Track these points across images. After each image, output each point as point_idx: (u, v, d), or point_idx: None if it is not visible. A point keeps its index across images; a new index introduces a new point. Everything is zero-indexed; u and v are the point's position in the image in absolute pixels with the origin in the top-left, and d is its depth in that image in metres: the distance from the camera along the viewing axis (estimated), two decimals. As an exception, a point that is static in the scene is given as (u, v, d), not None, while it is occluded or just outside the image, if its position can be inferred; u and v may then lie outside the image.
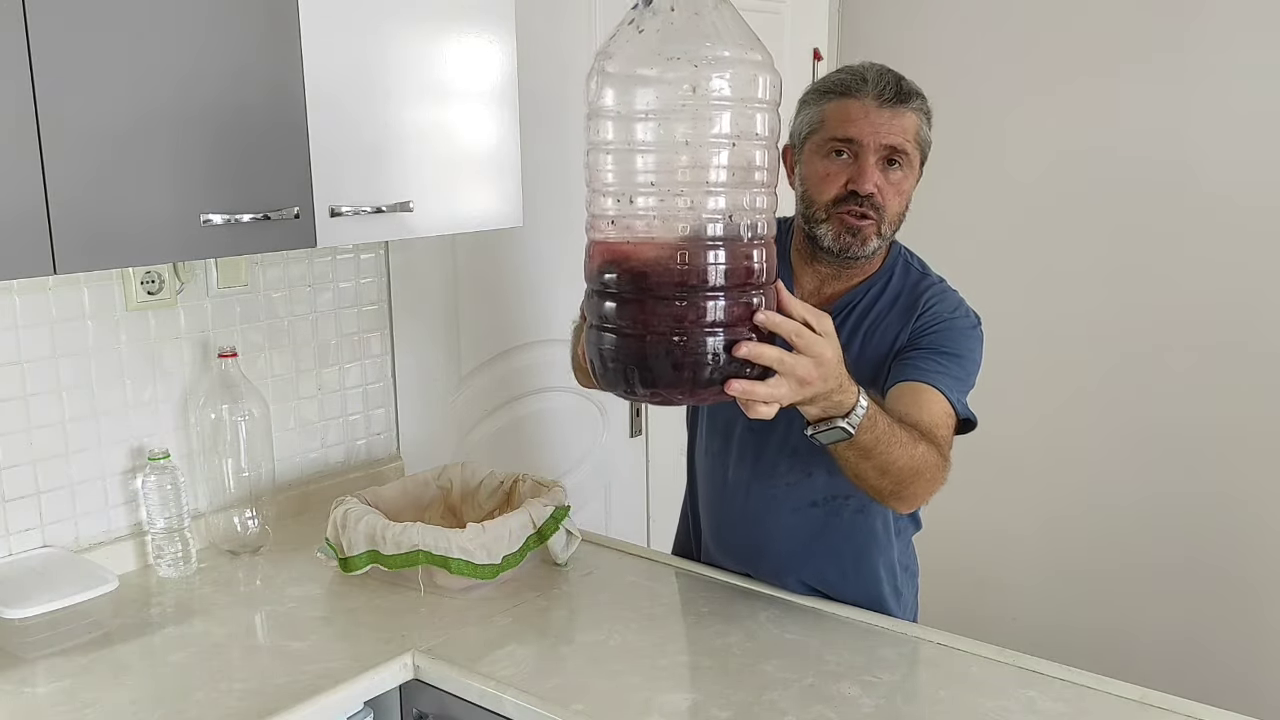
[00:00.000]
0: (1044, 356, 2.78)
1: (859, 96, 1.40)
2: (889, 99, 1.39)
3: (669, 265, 1.00)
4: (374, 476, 2.00)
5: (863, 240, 1.41)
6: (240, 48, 1.39)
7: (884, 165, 1.40)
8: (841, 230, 1.41)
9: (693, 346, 1.02)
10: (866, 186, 1.38)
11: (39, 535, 1.62)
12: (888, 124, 1.39)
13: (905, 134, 1.40)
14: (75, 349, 1.63)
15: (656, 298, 1.01)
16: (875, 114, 1.39)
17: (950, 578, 2.96)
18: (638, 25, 0.98)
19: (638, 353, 1.04)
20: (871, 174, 1.39)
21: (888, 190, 1.40)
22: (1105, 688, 1.28)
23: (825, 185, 1.41)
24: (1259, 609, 2.57)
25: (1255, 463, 2.53)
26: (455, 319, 2.20)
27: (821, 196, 1.42)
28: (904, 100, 1.40)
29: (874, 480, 1.26)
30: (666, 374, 1.03)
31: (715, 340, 1.02)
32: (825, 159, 1.41)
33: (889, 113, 1.39)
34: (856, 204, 1.39)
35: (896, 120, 1.39)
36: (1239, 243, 2.48)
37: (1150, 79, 2.54)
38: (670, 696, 1.27)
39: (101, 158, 1.27)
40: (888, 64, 1.45)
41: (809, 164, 1.44)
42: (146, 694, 1.31)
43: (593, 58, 1.04)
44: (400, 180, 1.61)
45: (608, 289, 1.05)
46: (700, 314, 1.01)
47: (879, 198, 1.39)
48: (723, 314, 1.02)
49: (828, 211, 1.42)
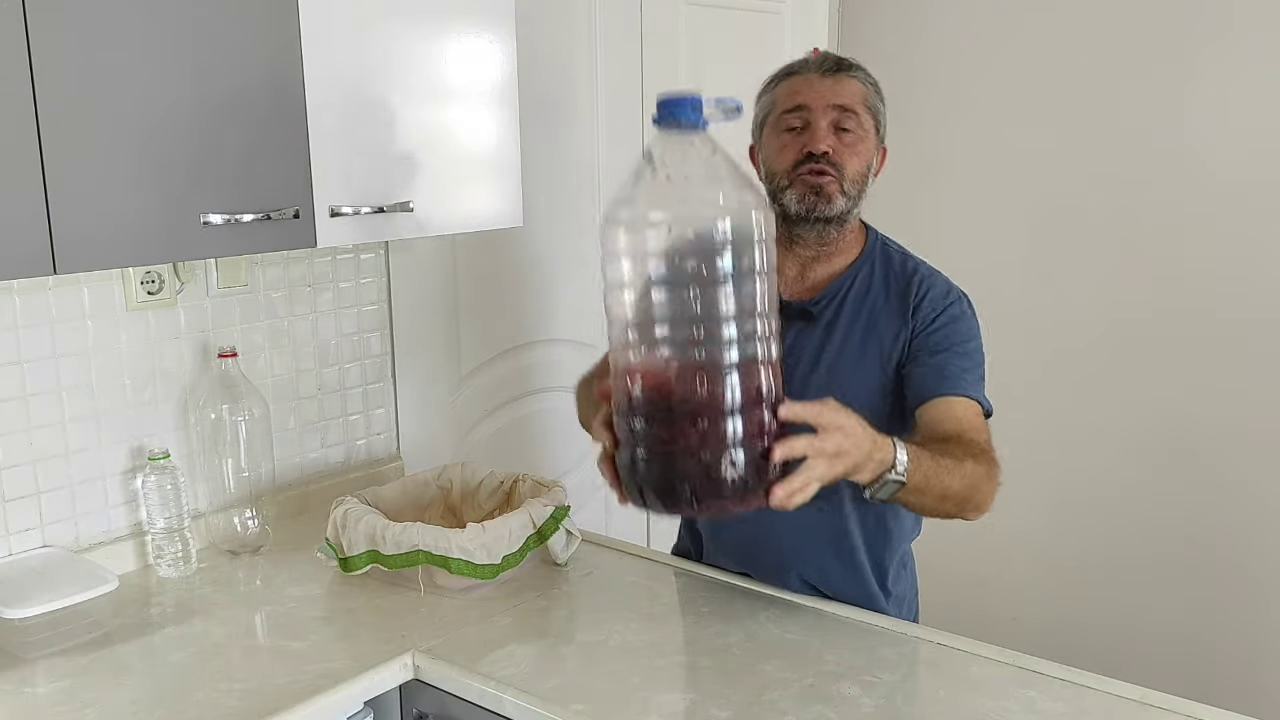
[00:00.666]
0: (1045, 354, 2.78)
1: (803, 74, 1.49)
2: (830, 69, 1.48)
3: (692, 390, 1.08)
4: (374, 476, 2.00)
5: (827, 198, 1.46)
6: (240, 48, 1.39)
7: (836, 130, 1.46)
8: (805, 190, 1.46)
9: (720, 461, 1.09)
10: (820, 145, 1.45)
11: (39, 535, 1.62)
12: (831, 88, 1.47)
13: (852, 96, 1.47)
14: (75, 349, 1.63)
15: (685, 422, 1.09)
16: (819, 82, 1.47)
17: (950, 576, 2.96)
18: (646, 173, 1.09)
19: (681, 471, 1.11)
20: (823, 134, 1.45)
21: (842, 150, 1.46)
22: (1105, 688, 1.28)
23: (783, 154, 1.48)
24: (1260, 607, 2.57)
25: (1256, 460, 2.53)
26: (455, 319, 2.20)
27: (781, 165, 1.48)
28: (845, 69, 1.49)
29: (937, 507, 1.32)
30: (710, 491, 1.10)
31: (741, 452, 1.09)
32: (781, 134, 1.49)
33: (831, 79, 1.47)
34: (814, 162, 1.45)
35: (840, 85, 1.47)
36: (1240, 238, 2.48)
37: (1151, 76, 2.54)
38: (670, 696, 1.27)
39: (101, 158, 1.27)
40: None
41: (768, 145, 1.51)
42: (146, 694, 1.31)
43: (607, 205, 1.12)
44: (400, 180, 1.61)
45: (640, 412, 1.12)
46: (723, 432, 1.09)
47: (835, 155, 1.45)
48: (743, 429, 1.09)
49: (789, 177, 1.48)
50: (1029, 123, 2.73)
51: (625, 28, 2.44)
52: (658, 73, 2.52)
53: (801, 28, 2.90)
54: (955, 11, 2.81)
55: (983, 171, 2.82)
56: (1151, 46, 2.53)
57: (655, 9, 2.49)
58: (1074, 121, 2.66)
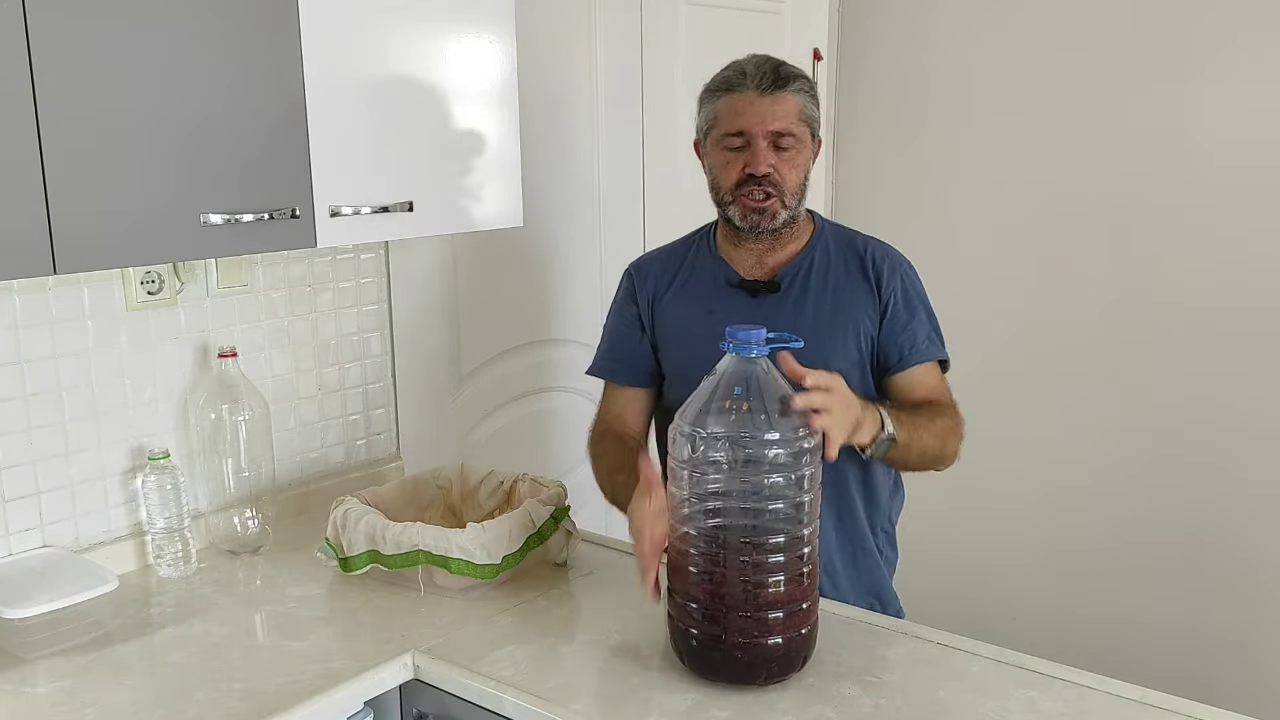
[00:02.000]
0: (1045, 352, 2.78)
1: (741, 91, 1.56)
2: (767, 87, 1.55)
3: (741, 593, 1.26)
4: (374, 476, 2.00)
5: (770, 216, 1.58)
6: (240, 48, 1.39)
7: (774, 147, 1.56)
8: (747, 210, 1.58)
9: (760, 652, 1.28)
10: (761, 168, 1.55)
11: (39, 535, 1.62)
12: (770, 110, 1.54)
13: (789, 117, 1.55)
14: (75, 349, 1.63)
15: (734, 617, 1.26)
16: (758, 103, 1.55)
17: (950, 575, 2.96)
18: (735, 403, 1.25)
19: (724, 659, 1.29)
20: (763, 157, 1.55)
21: (781, 167, 1.56)
22: (1105, 688, 1.28)
23: (727, 173, 1.58)
24: (1260, 605, 2.57)
25: (1256, 458, 2.53)
26: (455, 319, 2.20)
27: (725, 182, 1.59)
28: (782, 85, 1.55)
29: (919, 462, 1.54)
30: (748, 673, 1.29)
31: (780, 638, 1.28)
32: (724, 151, 1.58)
33: (770, 99, 1.55)
34: (755, 185, 1.56)
35: (778, 105, 1.55)
36: (1239, 236, 2.48)
37: (1151, 76, 2.54)
38: (670, 696, 1.27)
39: (101, 158, 1.27)
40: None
41: (712, 156, 1.61)
42: (146, 694, 1.31)
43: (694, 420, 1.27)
44: (400, 180, 1.61)
45: (693, 599, 1.29)
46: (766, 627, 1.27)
47: (774, 175, 1.56)
48: (783, 624, 1.28)
49: (732, 195, 1.59)
50: (1029, 122, 2.73)
51: (625, 28, 2.44)
52: (658, 73, 2.52)
53: (801, 28, 2.90)
54: (955, 11, 2.81)
55: (982, 171, 2.82)
56: (1151, 47, 2.53)
57: (655, 9, 2.49)
58: (1074, 121, 2.66)
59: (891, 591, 1.72)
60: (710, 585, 1.25)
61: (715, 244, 1.69)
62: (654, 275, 1.71)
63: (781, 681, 1.29)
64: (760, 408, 1.23)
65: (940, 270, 2.83)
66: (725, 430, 1.23)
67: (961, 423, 1.58)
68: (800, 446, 1.24)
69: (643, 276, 1.72)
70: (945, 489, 2.95)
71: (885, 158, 2.99)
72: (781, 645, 1.26)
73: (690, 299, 1.67)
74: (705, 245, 1.70)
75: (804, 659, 1.30)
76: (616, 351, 1.73)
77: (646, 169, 2.54)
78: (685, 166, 2.61)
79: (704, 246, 1.70)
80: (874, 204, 3.00)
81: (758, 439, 1.22)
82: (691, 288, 1.68)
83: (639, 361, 1.71)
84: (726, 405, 1.23)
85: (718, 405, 1.24)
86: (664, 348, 1.69)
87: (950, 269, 2.82)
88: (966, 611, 2.54)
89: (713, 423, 1.23)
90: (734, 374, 1.24)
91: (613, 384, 1.74)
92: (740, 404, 1.23)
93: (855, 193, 3.05)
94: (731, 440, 1.23)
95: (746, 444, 1.22)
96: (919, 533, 1.84)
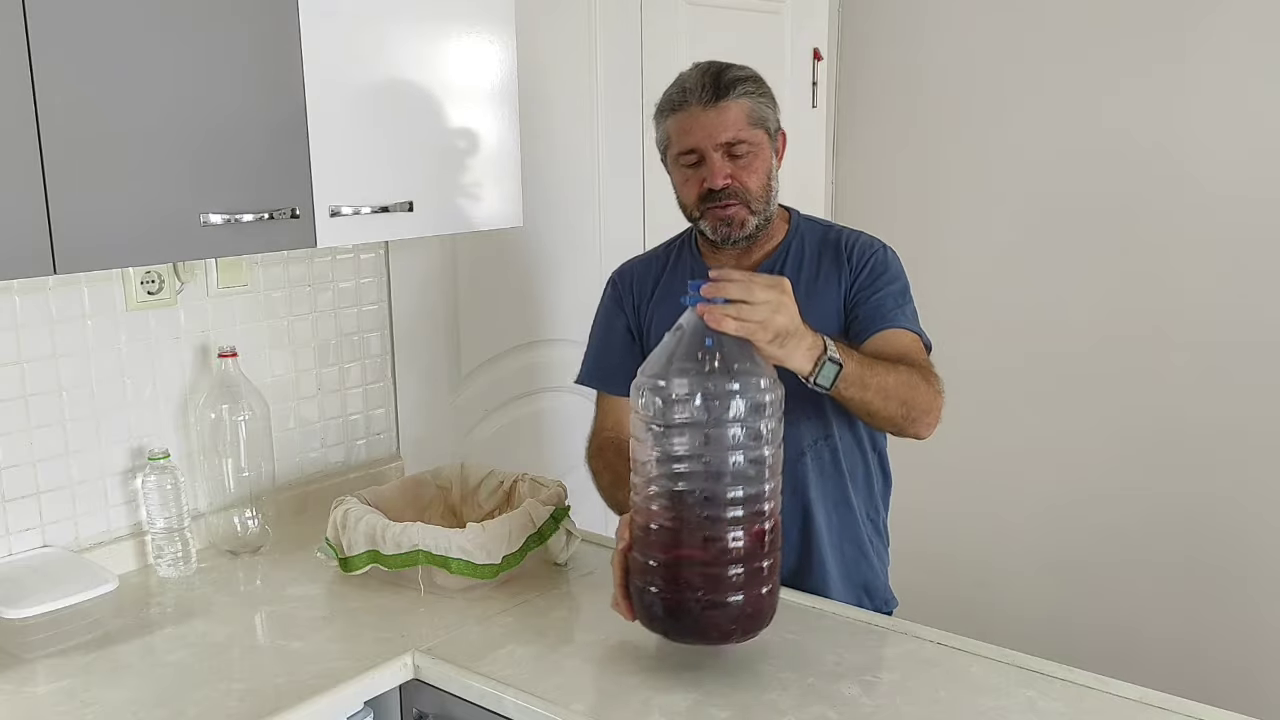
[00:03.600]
0: (1044, 355, 2.78)
1: (686, 108, 1.56)
2: (709, 100, 1.54)
3: (699, 544, 1.26)
4: (374, 476, 2.00)
5: (740, 224, 1.58)
6: (240, 48, 1.39)
7: (728, 156, 1.55)
8: (716, 223, 1.58)
9: (722, 602, 1.27)
10: (717, 182, 1.55)
11: (39, 535, 1.62)
12: (715, 122, 1.54)
13: (737, 124, 1.54)
14: (75, 349, 1.63)
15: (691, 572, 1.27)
16: (702, 117, 1.54)
17: (950, 576, 2.96)
18: (708, 354, 1.23)
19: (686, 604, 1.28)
20: (719, 170, 1.55)
21: (740, 175, 1.56)
22: (1105, 688, 1.28)
23: (688, 190, 1.59)
24: (1259, 607, 2.57)
25: (1255, 460, 2.53)
26: (455, 319, 2.20)
27: (688, 200, 1.60)
28: (724, 94, 1.54)
29: (882, 407, 1.43)
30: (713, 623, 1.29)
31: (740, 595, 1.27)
32: (682, 169, 1.59)
33: (714, 111, 1.54)
34: (717, 198, 1.56)
35: (723, 116, 1.54)
36: (1239, 240, 2.48)
37: (1151, 77, 2.53)
38: (670, 696, 1.27)
39: (101, 158, 1.27)
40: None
41: (673, 173, 1.63)
42: (146, 694, 1.31)
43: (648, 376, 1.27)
44: (400, 180, 1.61)
45: (653, 555, 1.29)
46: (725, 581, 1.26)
47: (734, 185, 1.55)
48: (744, 577, 1.27)
49: (699, 209, 1.59)
50: (1027, 123, 2.73)
51: (625, 28, 2.44)
52: (658, 73, 2.52)
53: (801, 28, 2.90)
54: (954, 12, 2.81)
55: (982, 171, 2.82)
56: (1152, 45, 2.53)
57: (655, 9, 2.49)
58: (1074, 121, 2.66)
59: (882, 583, 1.71)
60: (670, 540, 1.25)
61: (697, 246, 1.70)
62: (637, 280, 1.72)
63: (743, 641, 1.29)
64: (722, 360, 1.22)
65: (940, 270, 2.84)
66: (686, 382, 1.22)
67: (938, 381, 1.50)
68: (760, 400, 1.23)
69: (627, 283, 1.73)
70: (946, 490, 2.96)
71: (885, 157, 2.99)
72: (742, 603, 1.26)
73: (674, 300, 1.66)
74: (688, 248, 1.72)
75: (766, 619, 1.30)
76: (606, 360, 1.73)
77: (646, 169, 2.54)
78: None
79: (686, 249, 1.72)
80: (874, 204, 2.99)
81: (719, 389, 1.21)
82: (674, 288, 1.68)
83: (631, 370, 1.69)
84: (697, 357, 1.22)
85: (681, 358, 1.23)
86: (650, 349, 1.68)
87: (950, 269, 2.82)
88: (966, 611, 2.54)
89: (675, 375, 1.22)
90: (698, 327, 1.23)
91: (605, 393, 1.73)
92: (713, 355, 1.22)
93: (855, 192, 3.05)
94: (692, 392, 1.21)
95: (707, 395, 1.21)
96: (920, 534, 1.84)
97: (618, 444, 1.67)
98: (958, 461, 2.93)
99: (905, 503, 1.78)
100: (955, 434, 2.92)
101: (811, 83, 2.94)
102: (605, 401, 1.74)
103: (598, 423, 1.74)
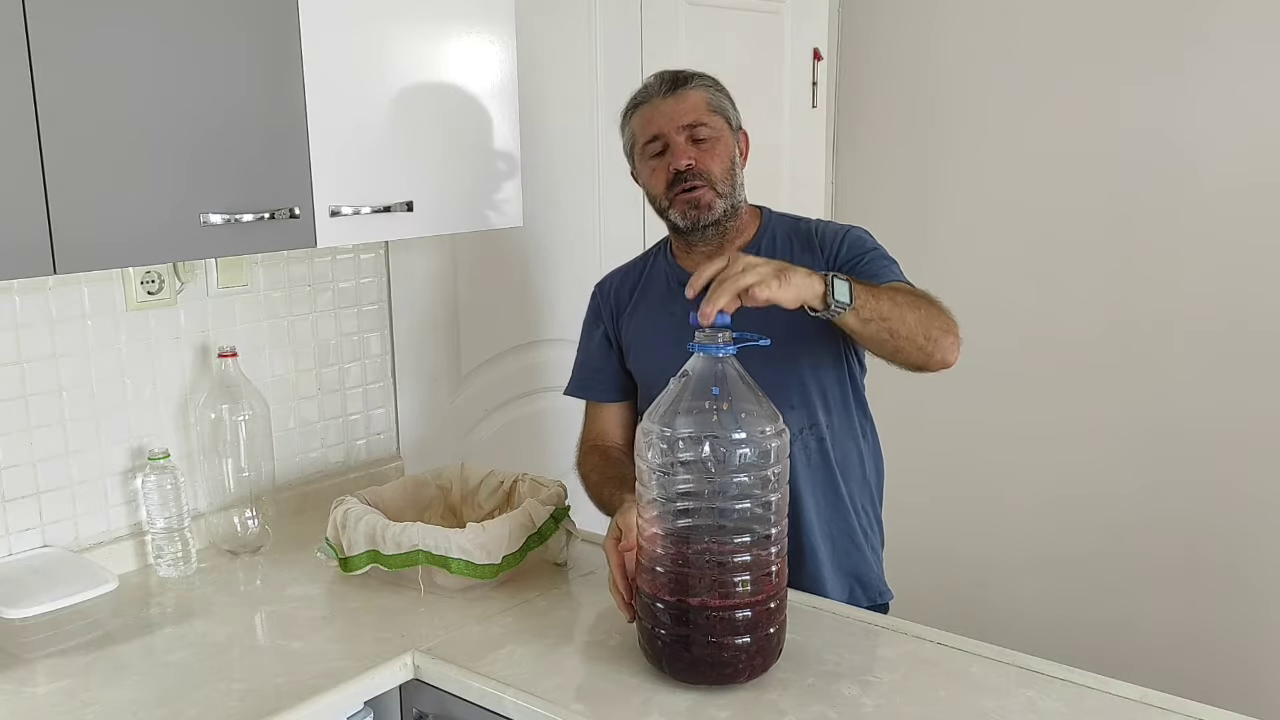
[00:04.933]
0: (1045, 354, 2.78)
1: (648, 101, 1.62)
2: (667, 90, 1.61)
3: (709, 592, 1.26)
4: (374, 476, 2.00)
5: (706, 206, 1.60)
6: (241, 48, 1.39)
7: (691, 140, 1.59)
8: (685, 208, 1.61)
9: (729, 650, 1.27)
10: (681, 162, 1.59)
11: (39, 535, 1.62)
12: (675, 108, 1.60)
13: (697, 109, 1.60)
14: (75, 349, 1.63)
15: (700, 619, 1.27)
16: (663, 105, 1.61)
17: (950, 576, 2.96)
18: (715, 403, 1.25)
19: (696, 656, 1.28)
20: (682, 151, 1.59)
21: (702, 157, 1.59)
22: (1105, 688, 1.28)
23: (655, 180, 1.63)
24: (1259, 606, 2.57)
25: (1256, 458, 2.53)
26: (455, 319, 2.20)
27: (656, 189, 1.63)
28: (683, 84, 1.61)
29: (903, 326, 1.40)
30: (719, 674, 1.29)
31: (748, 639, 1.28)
32: (648, 160, 1.63)
33: (674, 99, 1.60)
34: (683, 180, 1.59)
35: (682, 102, 1.60)
36: (1240, 236, 2.48)
37: (1152, 76, 2.54)
38: (670, 696, 1.27)
39: (101, 158, 1.27)
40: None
41: (641, 172, 1.67)
42: (146, 694, 1.31)
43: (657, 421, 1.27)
44: (400, 180, 1.61)
45: (661, 600, 1.29)
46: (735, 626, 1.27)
47: (697, 166, 1.59)
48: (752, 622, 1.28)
49: (667, 198, 1.62)
50: (1027, 122, 2.73)
51: (625, 28, 2.44)
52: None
53: (801, 28, 2.90)
54: (955, 12, 2.81)
55: (982, 171, 2.82)
56: (1153, 46, 2.53)
57: (655, 9, 2.49)
58: (1073, 122, 2.66)
59: (876, 574, 1.72)
60: (677, 584, 1.25)
61: (671, 252, 1.73)
62: (614, 290, 1.76)
63: (749, 681, 1.28)
64: (729, 408, 1.24)
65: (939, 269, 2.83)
66: (693, 430, 1.23)
67: (949, 311, 1.47)
68: (767, 446, 1.24)
69: (605, 294, 1.77)
70: (946, 489, 2.96)
71: (885, 157, 2.99)
72: (750, 644, 1.26)
73: (649, 306, 1.71)
74: (662, 255, 1.75)
75: (774, 657, 1.30)
76: (588, 370, 1.78)
77: (646, 169, 2.54)
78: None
79: (660, 256, 1.75)
80: (874, 204, 2.99)
81: (725, 438, 1.23)
82: (649, 295, 1.72)
83: (612, 378, 1.75)
84: (701, 405, 1.24)
85: (687, 405, 1.24)
86: (632, 357, 1.72)
87: (949, 268, 2.82)
88: (966, 611, 2.54)
89: (681, 422, 1.24)
90: (704, 373, 1.25)
91: (592, 402, 1.78)
92: (720, 404, 1.24)
93: (855, 192, 3.05)
94: (699, 439, 1.23)
95: (714, 443, 1.23)
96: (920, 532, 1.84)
97: (603, 449, 1.71)
98: (957, 457, 2.93)
99: (904, 499, 1.78)
100: (955, 429, 2.94)
101: (811, 83, 2.94)
102: (592, 409, 1.79)
103: (585, 430, 1.78)
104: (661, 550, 1.27)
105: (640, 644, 1.33)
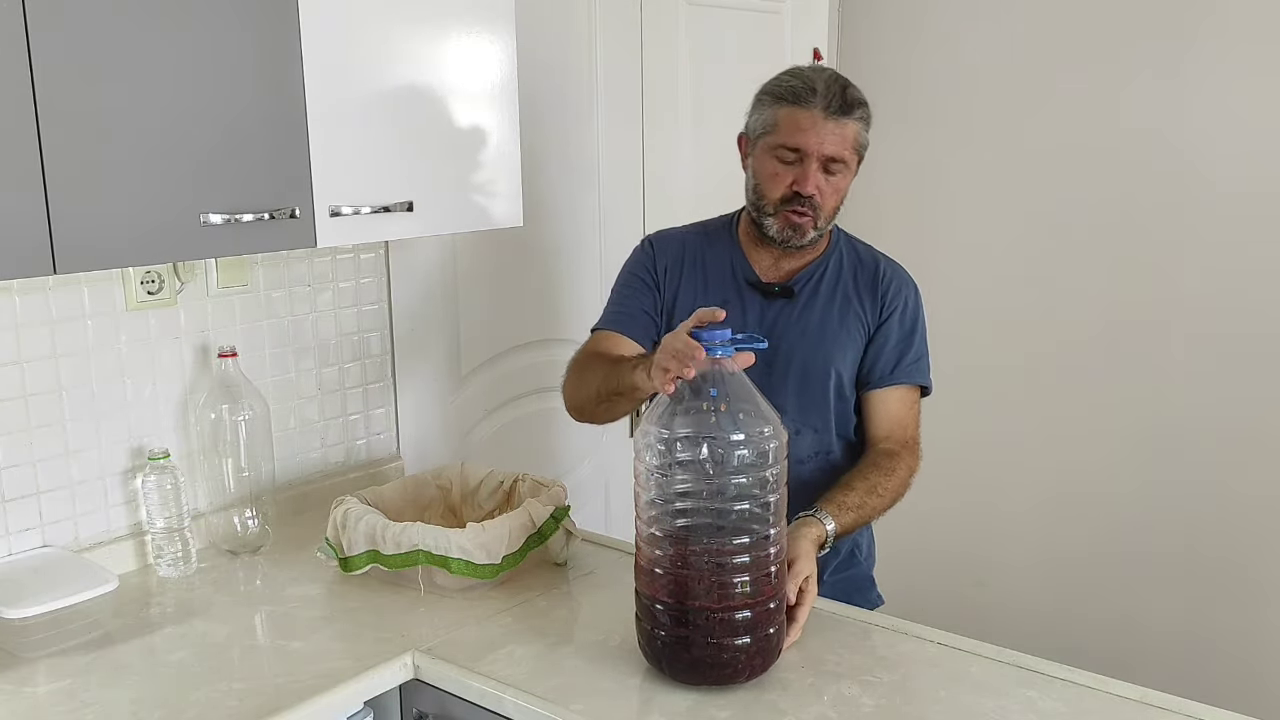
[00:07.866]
0: (1044, 354, 2.78)
1: (808, 107, 1.55)
2: (835, 111, 1.55)
3: (708, 593, 1.27)
4: (374, 476, 2.00)
5: (802, 233, 1.61)
6: (240, 48, 1.39)
7: (824, 170, 1.57)
8: (785, 225, 1.60)
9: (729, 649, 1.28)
10: (809, 189, 1.56)
11: (39, 535, 1.62)
12: (831, 134, 1.55)
13: (845, 144, 1.57)
14: (75, 349, 1.63)
15: (699, 619, 1.27)
16: (821, 125, 1.54)
17: (950, 576, 2.96)
18: (713, 404, 1.26)
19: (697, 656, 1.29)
20: (814, 179, 1.56)
21: (827, 191, 1.58)
22: (1105, 688, 1.28)
23: (774, 184, 1.59)
24: (1259, 606, 2.57)
25: (1256, 458, 2.53)
26: (455, 319, 2.20)
27: (771, 194, 1.60)
28: (848, 111, 1.56)
29: (877, 518, 1.62)
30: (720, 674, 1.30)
31: (748, 639, 1.28)
32: (775, 160, 1.58)
33: (833, 124, 1.55)
34: (799, 204, 1.57)
35: (839, 131, 1.55)
36: (1240, 236, 2.48)
37: (1152, 77, 2.53)
38: (670, 696, 1.27)
39: (101, 158, 1.27)
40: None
41: (760, 160, 1.61)
42: (146, 694, 1.31)
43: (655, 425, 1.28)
44: (400, 180, 1.61)
45: (660, 602, 1.30)
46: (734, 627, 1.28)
47: (819, 198, 1.58)
48: (752, 622, 1.28)
49: (775, 208, 1.60)
50: (1027, 122, 2.73)
51: (625, 28, 2.44)
52: (658, 73, 2.52)
53: (801, 28, 2.90)
54: (954, 12, 2.81)
55: (982, 172, 2.82)
56: (1153, 46, 2.52)
57: (655, 9, 2.49)
58: (1074, 122, 2.65)
59: (867, 580, 1.74)
60: (677, 586, 1.26)
61: (738, 235, 1.70)
62: (673, 247, 1.72)
63: (749, 681, 1.29)
64: (727, 409, 1.24)
65: (938, 270, 2.83)
66: (691, 431, 1.24)
67: (915, 460, 1.64)
68: (765, 447, 1.25)
69: (663, 246, 1.73)
70: (946, 489, 2.95)
71: (884, 158, 2.98)
72: (750, 644, 1.26)
73: (706, 285, 1.68)
74: (727, 233, 1.71)
75: (774, 657, 1.31)
76: (627, 306, 1.70)
77: (646, 169, 2.54)
78: (685, 166, 2.62)
79: (725, 235, 1.71)
80: (873, 204, 2.97)
81: (724, 439, 1.23)
82: (709, 274, 1.69)
83: (648, 321, 1.69)
84: (699, 406, 1.24)
85: (684, 406, 1.25)
86: (674, 323, 1.65)
87: (948, 269, 2.82)
88: (966, 611, 2.54)
89: (679, 424, 1.24)
90: (701, 375, 1.25)
91: (615, 334, 1.68)
92: (718, 405, 1.24)
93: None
94: (697, 441, 1.23)
95: (712, 444, 1.23)
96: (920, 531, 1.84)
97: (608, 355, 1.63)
98: (957, 459, 2.92)
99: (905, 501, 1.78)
100: (955, 430, 2.94)
101: (811, 83, 2.94)
102: (608, 338, 1.68)
103: (586, 347, 1.69)
104: (660, 551, 1.27)
105: (640, 644, 1.33)
